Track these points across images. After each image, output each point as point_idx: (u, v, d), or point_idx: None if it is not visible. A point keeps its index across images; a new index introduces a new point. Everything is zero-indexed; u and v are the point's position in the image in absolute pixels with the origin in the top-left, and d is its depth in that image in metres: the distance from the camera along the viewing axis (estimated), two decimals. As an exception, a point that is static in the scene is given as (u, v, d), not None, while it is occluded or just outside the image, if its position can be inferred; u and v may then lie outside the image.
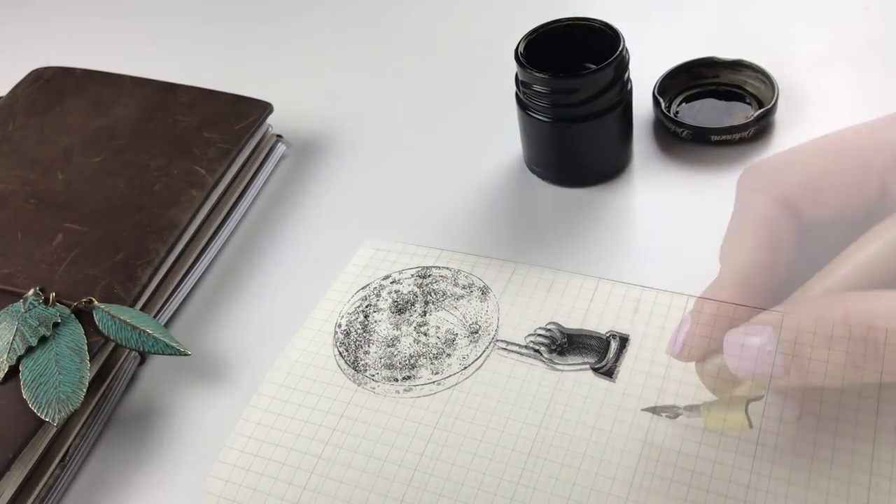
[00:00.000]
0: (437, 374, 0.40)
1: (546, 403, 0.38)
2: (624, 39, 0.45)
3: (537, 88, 0.45)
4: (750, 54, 0.51)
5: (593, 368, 0.39)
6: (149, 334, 0.41)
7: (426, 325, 0.42)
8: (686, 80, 0.52)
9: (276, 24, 0.67)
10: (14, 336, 0.41)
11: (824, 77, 0.52)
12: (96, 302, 0.42)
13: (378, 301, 0.44)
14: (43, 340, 0.40)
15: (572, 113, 0.45)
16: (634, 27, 0.50)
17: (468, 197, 0.49)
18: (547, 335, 0.41)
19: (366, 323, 0.43)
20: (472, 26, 0.63)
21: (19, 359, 0.40)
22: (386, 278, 0.45)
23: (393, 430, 0.38)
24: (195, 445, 0.40)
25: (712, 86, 0.52)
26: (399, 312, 0.43)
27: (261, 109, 0.52)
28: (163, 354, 0.42)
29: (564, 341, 0.40)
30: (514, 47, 0.46)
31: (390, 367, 0.41)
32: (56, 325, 0.41)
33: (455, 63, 0.60)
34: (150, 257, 0.45)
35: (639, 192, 0.48)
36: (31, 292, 0.43)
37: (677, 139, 0.50)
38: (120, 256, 0.45)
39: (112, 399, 0.42)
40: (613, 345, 0.40)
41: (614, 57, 0.44)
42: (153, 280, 0.44)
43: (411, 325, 0.42)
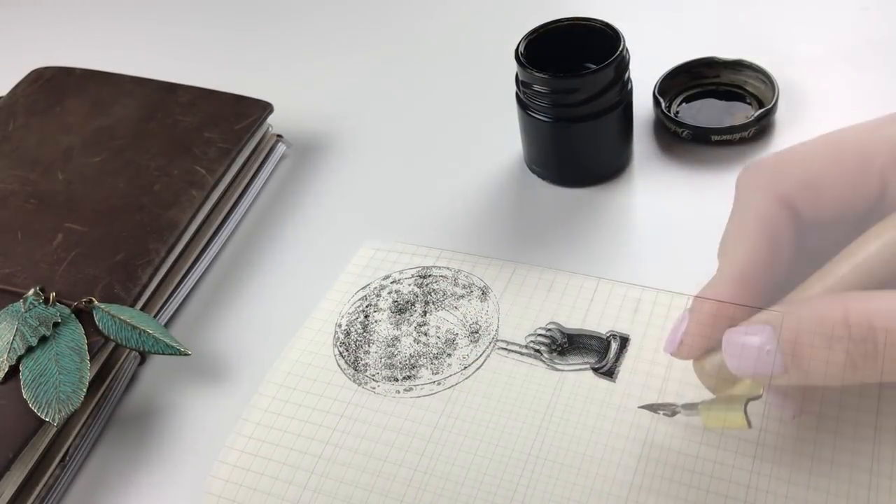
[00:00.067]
0: (438, 374, 0.40)
1: (546, 404, 0.38)
2: (624, 39, 0.45)
3: (537, 88, 0.45)
4: (750, 54, 0.51)
5: (593, 369, 0.39)
6: (149, 334, 0.41)
7: (426, 326, 0.42)
8: (686, 80, 0.52)
9: (277, 25, 0.67)
10: (14, 336, 0.41)
11: (824, 77, 0.52)
12: (96, 302, 0.42)
13: (378, 301, 0.44)
14: (43, 340, 0.40)
15: (572, 113, 0.45)
16: (635, 27, 0.50)
17: (468, 197, 0.49)
18: (547, 335, 0.41)
19: (366, 323, 0.43)
20: (473, 26, 0.63)
21: (19, 359, 0.40)
22: (386, 278, 0.45)
23: (393, 430, 0.38)
24: (195, 445, 0.40)
25: (712, 86, 0.52)
26: (399, 312, 0.43)
27: (261, 109, 0.52)
28: (163, 354, 0.42)
29: (565, 341, 0.40)
30: (515, 47, 0.46)
31: (390, 368, 0.41)
32: (56, 325, 0.41)
33: (455, 63, 0.60)
34: (151, 257, 0.45)
35: (639, 192, 0.48)
36: (32, 292, 0.43)
37: (677, 139, 0.50)
38: (120, 256, 0.45)
39: (112, 399, 0.42)
40: (614, 345, 0.40)
41: (614, 57, 0.44)
42: (153, 280, 0.44)
43: (411, 326, 0.42)
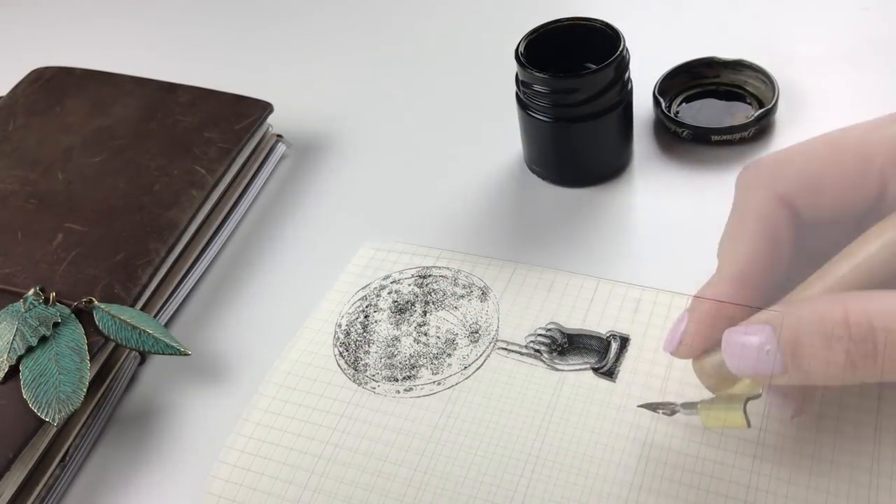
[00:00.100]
0: (438, 374, 0.40)
1: (546, 404, 0.38)
2: (624, 39, 0.45)
3: (537, 88, 0.45)
4: (750, 54, 0.51)
5: (594, 369, 0.39)
6: (149, 334, 0.41)
7: (426, 326, 0.42)
8: (686, 80, 0.52)
9: (277, 25, 0.67)
10: (14, 336, 0.41)
11: (824, 77, 0.52)
12: (96, 302, 0.42)
13: (378, 301, 0.44)
14: (43, 340, 0.40)
15: (572, 113, 0.45)
16: (635, 27, 0.50)
17: (468, 197, 0.49)
18: (547, 336, 0.41)
19: (366, 323, 0.43)
20: (473, 26, 0.63)
21: (19, 358, 0.40)
22: (386, 278, 0.45)
23: (393, 430, 0.38)
24: (195, 445, 0.40)
25: (713, 86, 0.52)
26: (399, 313, 0.43)
27: (261, 109, 0.52)
28: (163, 354, 0.42)
29: (565, 342, 0.40)
30: (515, 47, 0.46)
31: (391, 368, 0.41)
32: (56, 325, 0.41)
33: (455, 63, 0.60)
34: (151, 257, 0.45)
35: (639, 192, 0.48)
36: (32, 292, 0.43)
37: (677, 139, 0.50)
38: (120, 256, 0.45)
39: (112, 399, 0.42)
40: (614, 345, 0.40)
41: (615, 57, 0.44)
42: (153, 280, 0.44)
43: (411, 326, 0.42)
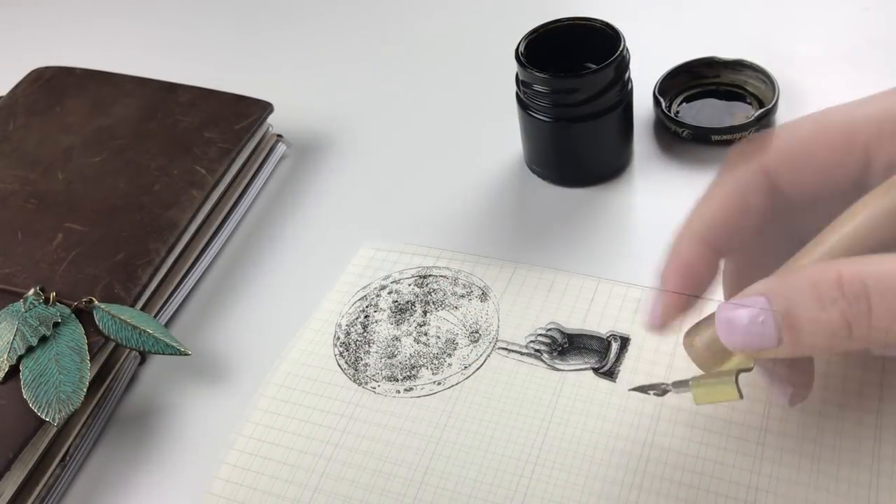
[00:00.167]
0: (438, 375, 0.40)
1: (547, 404, 0.38)
2: (624, 39, 0.45)
3: (538, 88, 0.45)
4: (750, 54, 0.51)
5: (594, 369, 0.39)
6: (149, 334, 0.41)
7: (426, 326, 0.42)
8: (686, 80, 0.52)
9: (277, 25, 0.67)
10: (14, 336, 0.40)
11: (824, 77, 0.52)
12: (96, 302, 0.42)
13: (378, 301, 0.44)
14: (43, 340, 0.40)
15: (573, 113, 0.45)
16: (635, 27, 0.50)
17: (468, 197, 0.49)
18: (547, 336, 0.41)
19: (366, 323, 0.43)
20: (473, 26, 0.63)
21: (19, 358, 0.40)
22: (386, 278, 0.45)
23: (393, 430, 0.38)
24: (195, 445, 0.40)
25: (713, 86, 0.52)
26: (399, 313, 0.43)
27: (261, 109, 0.52)
28: (163, 354, 0.42)
29: (565, 342, 0.40)
30: (515, 47, 0.46)
31: (391, 368, 0.41)
32: (56, 325, 0.41)
33: (455, 63, 0.60)
34: (151, 257, 0.45)
35: (639, 192, 0.48)
36: (32, 292, 0.43)
37: (678, 139, 0.50)
38: (120, 256, 0.45)
39: (112, 399, 0.42)
40: (614, 346, 0.40)
41: (615, 57, 0.44)
42: (153, 280, 0.44)
43: (412, 326, 0.42)
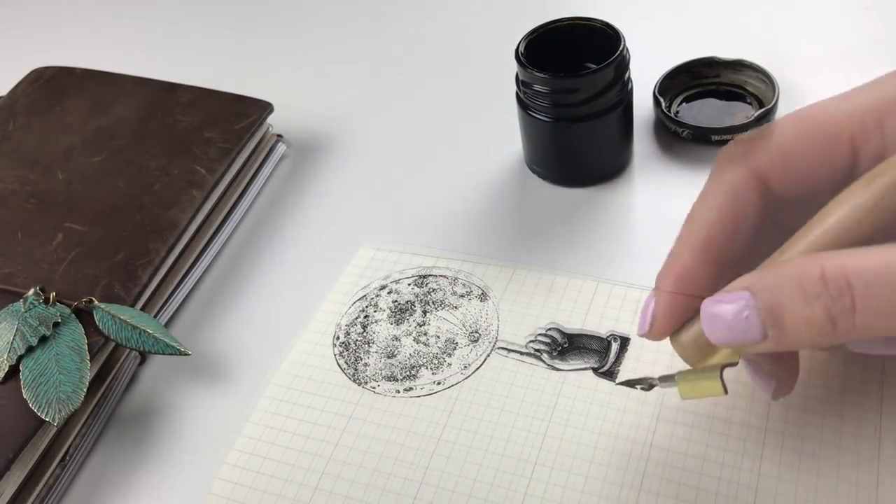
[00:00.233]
0: (437, 374, 0.40)
1: (547, 405, 0.38)
2: (624, 39, 0.45)
3: (538, 88, 0.45)
4: (750, 54, 0.51)
5: (594, 370, 0.39)
6: (149, 334, 0.41)
7: (426, 326, 0.42)
8: (686, 80, 0.52)
9: (277, 24, 0.67)
10: (14, 336, 0.40)
11: (824, 77, 0.52)
12: (96, 302, 0.42)
13: (378, 301, 0.44)
14: (43, 340, 0.40)
15: (573, 113, 0.45)
16: (635, 27, 0.50)
17: (468, 197, 0.49)
18: (547, 337, 0.41)
19: (366, 323, 0.43)
20: (473, 26, 0.63)
21: (19, 358, 0.40)
22: (386, 279, 0.45)
23: (393, 429, 0.38)
24: (195, 445, 0.40)
25: (713, 86, 0.52)
26: (399, 313, 0.43)
27: (261, 109, 0.52)
28: (163, 354, 0.42)
29: (565, 343, 0.40)
30: (515, 47, 0.46)
31: (391, 368, 0.41)
32: (56, 325, 0.41)
33: (455, 63, 0.60)
34: (151, 257, 0.45)
35: (639, 192, 0.48)
36: (32, 292, 0.43)
37: (678, 139, 0.50)
38: (120, 256, 0.45)
39: (112, 399, 0.42)
40: (614, 346, 0.40)
41: (615, 57, 0.44)
42: (153, 280, 0.44)
43: (411, 326, 0.42)
